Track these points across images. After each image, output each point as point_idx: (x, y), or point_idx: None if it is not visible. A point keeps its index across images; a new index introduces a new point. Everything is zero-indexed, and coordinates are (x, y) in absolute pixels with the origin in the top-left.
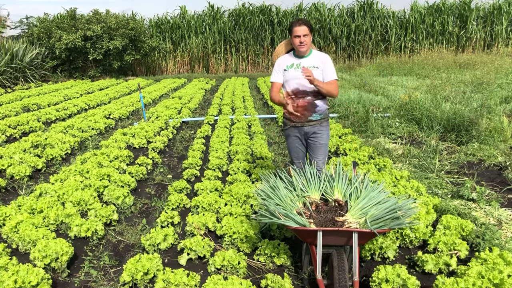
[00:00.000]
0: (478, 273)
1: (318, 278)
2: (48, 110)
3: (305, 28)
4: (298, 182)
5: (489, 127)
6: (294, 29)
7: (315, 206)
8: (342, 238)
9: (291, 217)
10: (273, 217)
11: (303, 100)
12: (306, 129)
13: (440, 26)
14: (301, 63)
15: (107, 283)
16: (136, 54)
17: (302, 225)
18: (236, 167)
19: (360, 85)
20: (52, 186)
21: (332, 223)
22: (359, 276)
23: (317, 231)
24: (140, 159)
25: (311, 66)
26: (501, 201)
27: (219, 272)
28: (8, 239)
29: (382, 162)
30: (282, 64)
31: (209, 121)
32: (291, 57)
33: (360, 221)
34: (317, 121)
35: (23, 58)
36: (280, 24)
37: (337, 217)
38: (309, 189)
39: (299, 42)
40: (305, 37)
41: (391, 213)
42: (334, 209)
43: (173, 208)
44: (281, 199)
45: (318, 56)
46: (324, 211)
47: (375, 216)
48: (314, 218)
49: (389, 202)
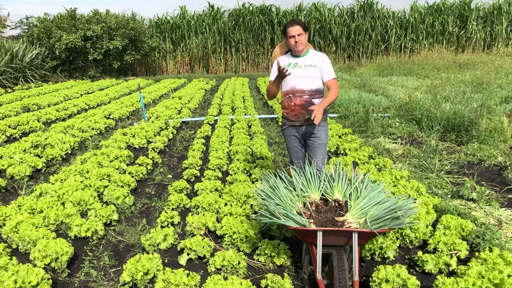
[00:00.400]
0: (478, 273)
1: (318, 278)
2: (48, 110)
3: (298, 27)
4: (298, 182)
5: (489, 127)
6: (288, 30)
7: (315, 206)
8: (342, 238)
9: (291, 217)
10: (273, 217)
11: (301, 99)
12: (304, 129)
13: (440, 26)
14: (298, 62)
15: (107, 283)
16: (136, 54)
17: (302, 225)
18: (236, 167)
19: (360, 85)
20: (52, 186)
21: (332, 223)
22: (359, 276)
23: (317, 231)
24: (140, 159)
25: (308, 65)
26: (501, 201)
27: (219, 272)
28: (8, 239)
29: (382, 162)
30: (279, 64)
31: (209, 121)
32: (289, 57)
33: (360, 221)
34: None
35: (23, 58)
36: (280, 24)
37: (337, 217)
38: (309, 189)
39: (294, 42)
40: (300, 36)
41: (391, 213)
42: (334, 209)
43: (173, 208)
44: (281, 199)
45: (315, 55)
46: (324, 211)
47: (375, 216)
48: (314, 218)
49: (389, 202)
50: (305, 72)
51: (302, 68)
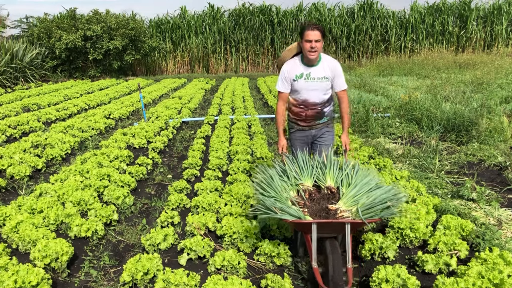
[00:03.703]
0: (478, 273)
1: (314, 267)
2: (48, 110)
3: (317, 33)
4: (291, 170)
5: (489, 127)
6: (306, 33)
7: (308, 193)
8: (336, 228)
9: (287, 211)
10: (269, 211)
11: (312, 111)
12: (313, 132)
13: (440, 26)
14: (311, 73)
15: (107, 283)
16: (136, 54)
17: (297, 217)
18: (236, 167)
19: (360, 85)
20: (52, 186)
21: (325, 212)
22: (352, 263)
23: (311, 224)
24: (140, 159)
25: (322, 77)
26: (501, 201)
27: (219, 272)
28: (8, 239)
29: (382, 162)
30: (290, 73)
31: (209, 121)
32: (300, 65)
33: (352, 210)
34: (323, 123)
35: (23, 58)
36: (280, 24)
37: (330, 206)
38: (302, 176)
39: (310, 47)
40: (317, 42)
41: (381, 203)
42: (327, 196)
43: (173, 208)
44: (276, 190)
45: (328, 64)
46: (317, 199)
47: (366, 206)
48: (308, 207)
49: (379, 190)
50: (318, 85)
51: (315, 81)
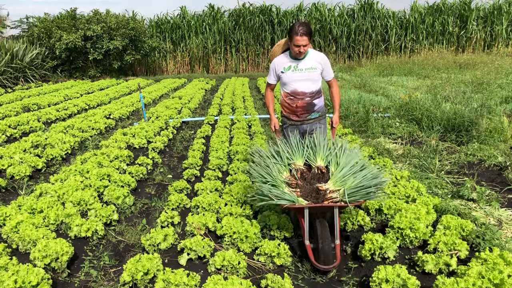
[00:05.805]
0: (478, 273)
1: (306, 244)
2: (48, 110)
3: (306, 38)
4: (284, 152)
5: (489, 127)
6: (295, 38)
7: (300, 173)
8: (325, 208)
9: (282, 197)
10: (266, 197)
11: (302, 101)
12: (305, 127)
13: (440, 26)
14: (299, 65)
15: (107, 283)
16: (136, 54)
17: (292, 201)
18: (236, 167)
19: (360, 85)
20: (52, 186)
21: (316, 192)
22: (340, 240)
23: (304, 208)
24: (140, 159)
25: (309, 68)
26: (501, 201)
27: (219, 272)
28: (8, 239)
29: (382, 162)
30: (279, 66)
31: (209, 121)
32: (288, 59)
33: (340, 191)
34: (315, 118)
35: (23, 58)
36: (280, 24)
37: (320, 185)
38: (294, 156)
39: (298, 52)
40: (305, 46)
41: (366, 187)
42: (317, 176)
43: (173, 208)
44: (271, 174)
45: (315, 56)
46: (308, 178)
47: (352, 188)
48: (301, 186)
49: (365, 170)
50: (306, 75)
51: (303, 71)
